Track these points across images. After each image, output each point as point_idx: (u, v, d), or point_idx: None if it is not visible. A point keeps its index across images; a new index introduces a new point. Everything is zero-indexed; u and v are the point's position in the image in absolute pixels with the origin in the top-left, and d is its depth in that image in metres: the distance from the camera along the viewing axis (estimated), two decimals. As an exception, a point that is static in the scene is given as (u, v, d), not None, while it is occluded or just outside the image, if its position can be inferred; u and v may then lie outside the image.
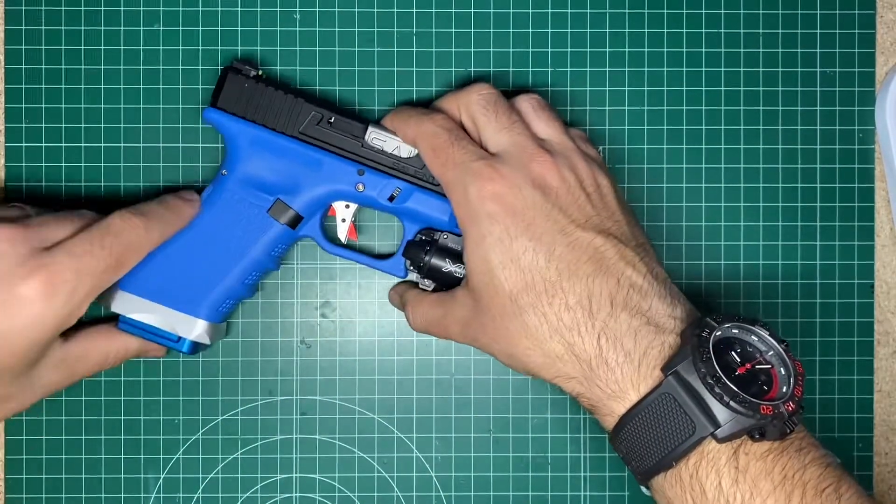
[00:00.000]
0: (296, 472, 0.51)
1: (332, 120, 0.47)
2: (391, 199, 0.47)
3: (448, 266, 0.47)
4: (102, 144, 0.51)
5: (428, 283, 0.48)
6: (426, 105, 0.49)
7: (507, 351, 0.42)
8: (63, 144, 0.51)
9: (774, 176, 0.52)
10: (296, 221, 0.47)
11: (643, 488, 0.49)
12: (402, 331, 0.52)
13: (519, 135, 0.44)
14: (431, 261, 0.47)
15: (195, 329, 0.47)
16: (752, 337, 0.40)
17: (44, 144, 0.51)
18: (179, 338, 0.47)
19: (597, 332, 0.40)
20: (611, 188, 0.44)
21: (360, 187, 0.47)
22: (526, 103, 0.45)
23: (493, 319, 0.42)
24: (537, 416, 0.52)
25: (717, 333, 0.39)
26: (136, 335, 0.47)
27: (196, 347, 0.48)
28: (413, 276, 0.49)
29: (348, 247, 0.50)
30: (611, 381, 0.39)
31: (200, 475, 0.51)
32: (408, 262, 0.48)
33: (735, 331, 0.40)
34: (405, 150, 0.47)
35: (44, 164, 0.51)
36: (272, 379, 0.51)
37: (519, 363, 0.42)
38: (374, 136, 0.47)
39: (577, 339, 0.40)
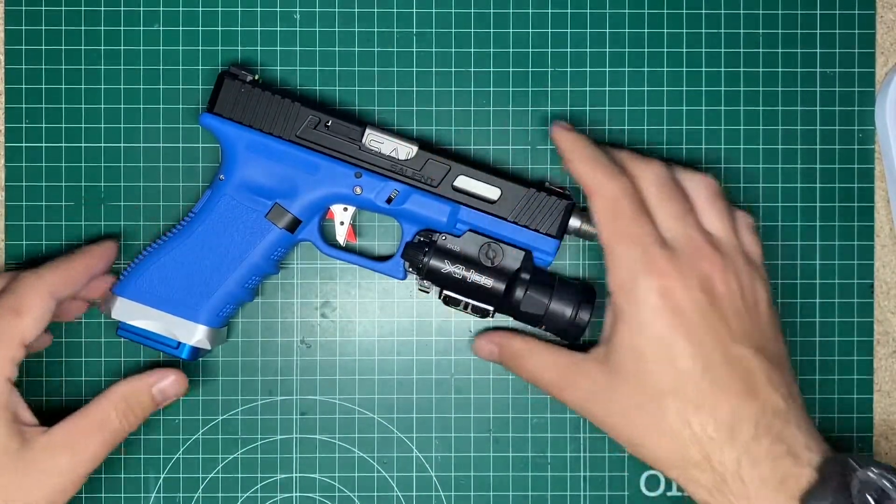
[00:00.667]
0: (296, 472, 0.52)
1: (329, 123, 0.47)
2: (389, 201, 0.47)
3: (447, 267, 0.47)
4: (102, 144, 0.51)
5: (427, 285, 0.48)
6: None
7: (635, 442, 0.42)
8: (63, 144, 0.51)
9: (774, 176, 0.52)
10: (294, 225, 0.47)
11: (644, 489, 0.50)
12: (402, 331, 0.52)
13: (691, 227, 0.43)
14: (430, 262, 0.47)
15: (195, 334, 0.47)
16: (888, 484, 0.39)
17: (44, 144, 0.51)
18: (179, 343, 0.47)
19: (737, 452, 0.40)
20: (766, 301, 0.44)
21: (358, 190, 0.47)
22: (702, 190, 0.45)
23: (629, 409, 0.42)
24: (537, 416, 0.52)
25: (859, 476, 0.39)
26: (135, 341, 0.47)
27: (196, 353, 0.48)
28: (412, 278, 0.49)
29: (347, 249, 0.50)
30: (742, 497, 0.40)
31: (200, 475, 0.51)
32: (406, 264, 0.48)
33: (874, 476, 0.39)
34: (402, 152, 0.47)
35: (44, 164, 0.51)
36: (272, 379, 0.51)
37: (645, 455, 0.42)
38: (371, 139, 0.47)
39: (717, 453, 0.40)
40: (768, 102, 0.52)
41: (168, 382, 0.47)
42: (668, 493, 0.51)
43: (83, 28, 0.51)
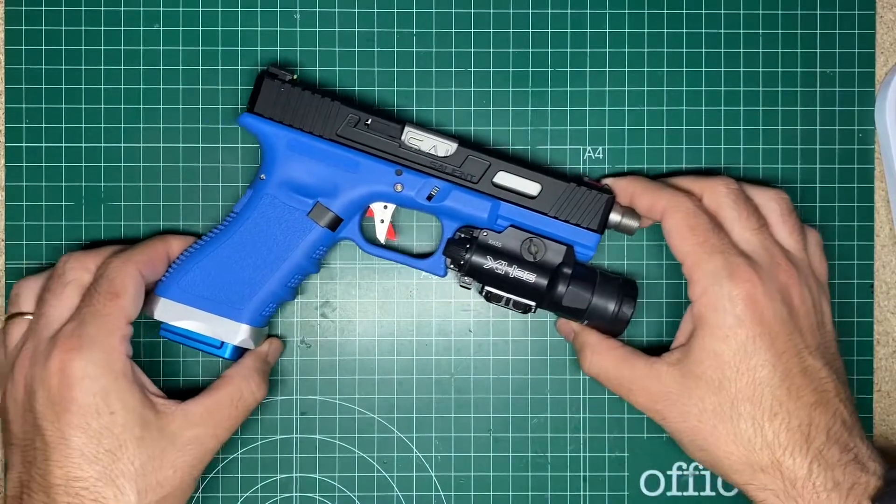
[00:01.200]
0: (296, 472, 0.52)
1: (368, 121, 0.47)
2: (429, 198, 0.47)
3: (489, 263, 0.47)
4: (102, 144, 0.51)
5: (468, 281, 0.48)
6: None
7: (703, 446, 0.43)
8: (63, 144, 0.51)
9: (774, 176, 0.52)
10: (335, 223, 0.47)
11: (644, 489, 0.50)
12: (402, 331, 0.52)
13: (767, 240, 0.45)
14: (472, 258, 0.47)
15: (239, 334, 0.47)
16: None
17: (44, 144, 0.51)
18: (222, 343, 0.47)
19: (810, 457, 0.41)
20: (831, 316, 0.46)
21: (399, 187, 0.47)
22: (775, 204, 0.46)
23: (702, 413, 0.43)
24: (537, 415, 0.52)
25: None
26: (177, 342, 0.47)
27: (238, 353, 0.48)
28: (452, 275, 0.49)
29: (387, 247, 0.50)
30: (813, 502, 0.41)
31: (200, 475, 0.51)
32: (448, 261, 0.48)
33: None
34: (442, 149, 0.47)
35: (44, 164, 0.51)
36: (272, 379, 0.51)
37: (710, 460, 0.44)
38: (410, 136, 0.47)
39: (788, 460, 0.41)
40: (768, 102, 0.52)
41: (274, 347, 0.50)
42: (668, 493, 0.51)
43: (83, 28, 0.51)
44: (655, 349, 0.47)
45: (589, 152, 0.51)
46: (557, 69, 0.51)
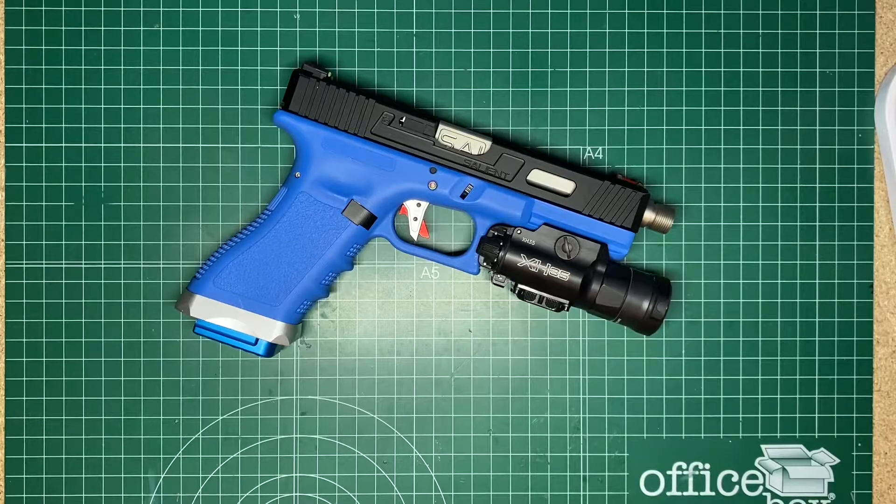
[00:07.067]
0: (296, 472, 0.52)
1: (402, 119, 0.47)
2: (463, 195, 0.47)
3: (523, 261, 0.47)
4: (102, 144, 0.51)
5: (501, 279, 0.48)
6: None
7: None
8: (63, 144, 0.51)
9: (774, 176, 0.52)
10: (370, 221, 0.47)
11: (644, 489, 0.50)
12: (402, 331, 0.52)
13: None
14: (506, 256, 0.47)
15: (274, 331, 0.47)
16: None
17: (44, 144, 0.51)
18: (257, 340, 0.47)
19: None
20: None
21: (433, 185, 0.47)
22: None
23: None
24: (537, 415, 0.52)
25: None
26: (213, 339, 0.47)
27: (272, 350, 0.48)
28: (485, 273, 0.49)
29: (420, 245, 0.50)
30: None
31: (200, 475, 0.51)
32: (481, 259, 0.48)
33: None
34: (475, 147, 0.47)
35: (44, 164, 0.51)
36: (272, 379, 0.51)
37: None
38: (444, 134, 0.47)
39: None
40: (768, 102, 0.52)
41: None
42: (668, 493, 0.51)
43: (83, 28, 0.51)
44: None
45: (589, 152, 0.51)
46: (557, 69, 0.51)
